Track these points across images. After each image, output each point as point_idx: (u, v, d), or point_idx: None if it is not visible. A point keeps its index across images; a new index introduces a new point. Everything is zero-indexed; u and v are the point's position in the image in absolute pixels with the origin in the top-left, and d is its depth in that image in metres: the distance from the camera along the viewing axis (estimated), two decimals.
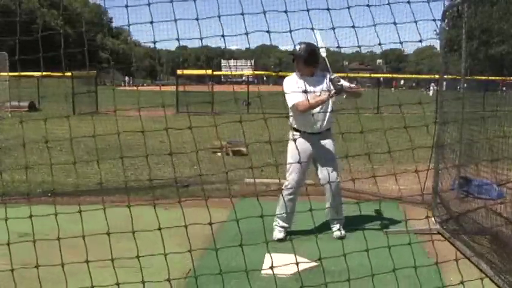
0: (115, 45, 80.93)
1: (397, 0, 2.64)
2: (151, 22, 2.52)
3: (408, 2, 2.56)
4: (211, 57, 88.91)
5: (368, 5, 2.59)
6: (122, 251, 2.86)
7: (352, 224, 4.71)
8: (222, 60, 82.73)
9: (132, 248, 2.83)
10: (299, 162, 4.07)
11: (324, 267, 3.38)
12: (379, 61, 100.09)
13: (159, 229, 2.70)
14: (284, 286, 3.31)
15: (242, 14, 2.57)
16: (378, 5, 2.73)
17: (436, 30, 5.35)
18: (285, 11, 2.57)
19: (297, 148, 4.16)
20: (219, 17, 2.56)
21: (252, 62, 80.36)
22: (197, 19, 2.53)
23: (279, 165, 4.42)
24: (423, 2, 2.55)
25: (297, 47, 4.44)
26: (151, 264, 2.92)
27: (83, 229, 2.62)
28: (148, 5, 2.53)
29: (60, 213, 2.74)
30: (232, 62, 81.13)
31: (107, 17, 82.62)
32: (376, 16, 2.71)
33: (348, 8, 2.61)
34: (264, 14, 2.51)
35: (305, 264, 3.64)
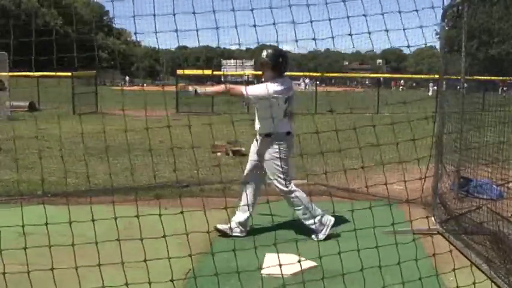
0: (115, 45, 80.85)
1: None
2: (154, 15, 2.52)
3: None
4: (211, 57, 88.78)
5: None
6: (119, 251, 2.85)
7: (352, 224, 4.71)
8: (222, 60, 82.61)
9: (132, 248, 2.83)
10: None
11: (324, 268, 3.38)
12: (379, 61, 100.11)
13: (164, 236, 2.70)
14: (284, 286, 3.30)
15: (233, 10, 2.58)
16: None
17: (436, 30, 5.34)
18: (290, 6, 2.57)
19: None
20: (213, 11, 2.56)
21: (252, 62, 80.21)
22: (194, 12, 2.54)
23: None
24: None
25: (264, 53, 4.46)
26: (151, 264, 2.91)
27: (95, 232, 2.62)
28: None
29: (60, 214, 2.74)
30: (232, 62, 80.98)
31: (108, 17, 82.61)
32: (375, 15, 2.71)
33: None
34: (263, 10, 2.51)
35: (305, 264, 3.63)
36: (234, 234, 4.52)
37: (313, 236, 4.52)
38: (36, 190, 6.27)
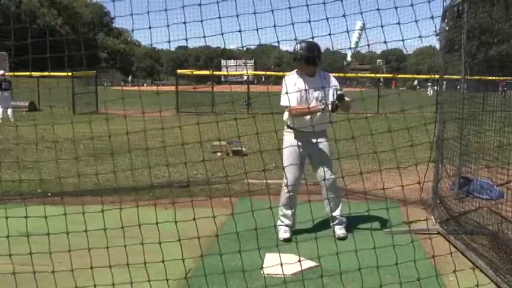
0: (115, 45, 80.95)
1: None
2: (168, 23, 2.52)
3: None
4: (211, 57, 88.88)
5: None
6: (122, 250, 2.86)
7: (352, 224, 4.71)
8: (222, 60, 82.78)
9: (132, 248, 2.83)
10: (291, 158, 4.10)
11: (324, 267, 3.38)
12: (379, 61, 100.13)
13: (179, 240, 2.70)
14: (284, 286, 3.31)
15: (237, 15, 2.58)
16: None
17: (436, 31, 5.35)
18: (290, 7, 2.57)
19: (287, 145, 4.29)
20: (220, 18, 2.57)
21: (252, 62, 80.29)
22: (200, 4, 2.54)
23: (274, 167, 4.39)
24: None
25: (298, 46, 4.43)
26: (152, 264, 2.92)
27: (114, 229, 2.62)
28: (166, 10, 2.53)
29: (61, 214, 2.74)
30: (232, 62, 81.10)
31: (108, 17, 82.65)
32: (375, 16, 2.72)
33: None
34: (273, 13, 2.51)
35: (305, 264, 3.64)
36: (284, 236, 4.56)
37: (336, 229, 4.60)
38: (36, 190, 6.27)
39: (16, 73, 19.59)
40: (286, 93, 4.18)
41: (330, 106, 4.27)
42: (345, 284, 3.23)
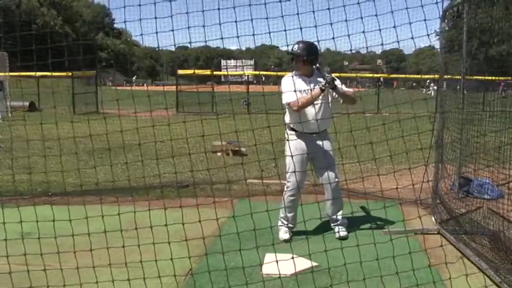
0: (116, 45, 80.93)
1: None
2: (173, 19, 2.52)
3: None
4: (211, 57, 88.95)
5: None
6: (122, 250, 2.86)
7: (352, 224, 4.71)
8: (222, 61, 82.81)
9: (133, 248, 2.83)
10: (294, 161, 4.10)
11: (323, 267, 3.38)
12: (379, 61, 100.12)
13: (191, 240, 2.70)
14: (284, 286, 3.31)
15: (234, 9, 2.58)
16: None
17: (436, 31, 5.34)
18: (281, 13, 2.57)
19: (291, 148, 4.20)
20: (219, 20, 2.57)
21: (252, 62, 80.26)
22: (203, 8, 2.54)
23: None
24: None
25: (295, 46, 4.43)
26: (152, 263, 2.92)
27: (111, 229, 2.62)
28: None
29: (61, 214, 2.74)
30: (232, 62, 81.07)
31: (109, 18, 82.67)
32: (375, 15, 2.72)
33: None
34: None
35: (304, 264, 3.64)
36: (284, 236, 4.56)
37: (337, 229, 4.60)
38: (36, 190, 6.27)
39: (16, 73, 19.53)
40: (288, 91, 4.19)
41: (327, 84, 4.26)
42: (344, 284, 3.23)
